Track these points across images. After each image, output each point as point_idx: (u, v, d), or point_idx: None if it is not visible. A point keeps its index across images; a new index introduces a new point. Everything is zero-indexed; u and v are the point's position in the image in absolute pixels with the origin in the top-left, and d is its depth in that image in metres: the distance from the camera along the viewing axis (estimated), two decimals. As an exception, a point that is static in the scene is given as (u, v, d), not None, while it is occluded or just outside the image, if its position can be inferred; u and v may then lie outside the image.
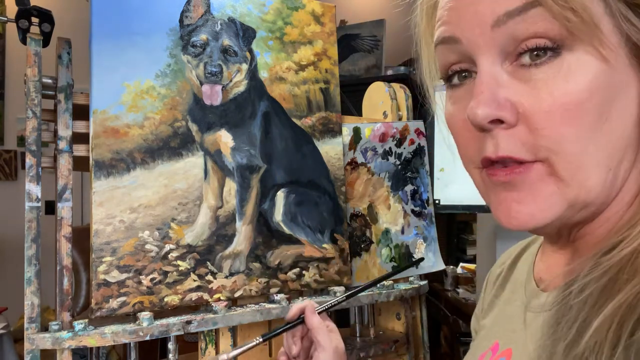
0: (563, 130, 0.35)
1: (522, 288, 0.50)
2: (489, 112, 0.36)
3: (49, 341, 0.78)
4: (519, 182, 0.37)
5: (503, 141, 0.37)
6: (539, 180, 0.37)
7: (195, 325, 0.86)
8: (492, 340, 0.50)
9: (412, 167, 1.21)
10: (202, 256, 0.91)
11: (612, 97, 0.35)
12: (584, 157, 0.36)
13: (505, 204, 0.38)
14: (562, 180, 0.36)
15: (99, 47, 0.87)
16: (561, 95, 0.35)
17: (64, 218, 0.85)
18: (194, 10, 0.95)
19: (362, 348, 1.06)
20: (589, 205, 0.38)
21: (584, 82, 0.34)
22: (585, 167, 0.36)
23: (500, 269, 0.58)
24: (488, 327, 0.55)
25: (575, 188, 0.36)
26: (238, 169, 0.97)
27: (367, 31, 2.81)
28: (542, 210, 0.37)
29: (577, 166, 0.36)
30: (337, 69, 1.10)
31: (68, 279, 0.84)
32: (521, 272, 0.52)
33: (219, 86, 0.95)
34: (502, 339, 0.48)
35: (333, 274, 1.03)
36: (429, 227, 1.23)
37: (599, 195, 0.37)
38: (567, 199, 0.37)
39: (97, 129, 0.86)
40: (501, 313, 0.53)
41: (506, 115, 0.36)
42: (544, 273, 0.48)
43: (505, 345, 0.47)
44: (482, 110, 0.36)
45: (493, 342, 0.49)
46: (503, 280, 0.56)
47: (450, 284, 2.75)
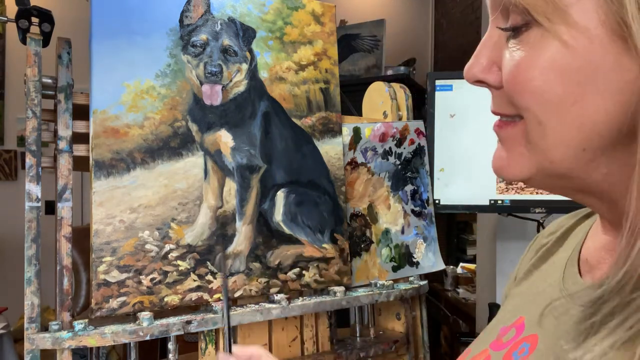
0: (524, 101, 0.37)
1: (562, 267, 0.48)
2: (474, 74, 0.40)
3: (49, 341, 0.78)
4: (502, 137, 0.41)
5: (494, 98, 0.40)
6: (515, 139, 0.39)
7: (195, 325, 0.86)
8: (518, 314, 0.48)
9: (412, 167, 1.21)
10: (202, 256, 0.91)
11: (579, 82, 0.35)
12: (548, 130, 0.37)
13: (495, 154, 0.42)
14: (531, 144, 0.38)
15: (99, 47, 0.87)
16: (522, 69, 0.36)
17: (64, 218, 0.85)
18: (194, 10, 0.95)
19: (362, 348, 1.06)
20: (562, 176, 0.38)
21: (542, 61, 0.35)
22: (548, 140, 0.37)
23: (547, 240, 0.56)
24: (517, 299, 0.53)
25: (540, 156, 0.38)
26: (238, 169, 0.97)
27: (367, 31, 2.81)
28: (513, 167, 0.40)
29: (541, 136, 0.37)
30: (337, 69, 1.10)
31: (68, 279, 0.84)
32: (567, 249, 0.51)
33: (219, 86, 0.95)
34: (529, 319, 0.47)
35: (333, 274, 1.03)
36: (429, 227, 1.23)
37: (571, 170, 0.37)
38: (533, 163, 0.38)
39: (97, 129, 0.86)
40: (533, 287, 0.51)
41: (489, 78, 0.39)
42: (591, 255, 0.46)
43: (531, 329, 0.45)
44: (470, 71, 0.40)
45: (518, 317, 0.48)
46: (547, 252, 0.54)
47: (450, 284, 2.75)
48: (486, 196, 1.27)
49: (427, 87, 1.27)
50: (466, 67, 0.40)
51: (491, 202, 1.27)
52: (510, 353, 0.45)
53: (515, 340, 0.46)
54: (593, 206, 0.43)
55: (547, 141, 0.37)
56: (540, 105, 0.36)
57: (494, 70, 0.39)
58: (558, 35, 0.35)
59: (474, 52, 0.40)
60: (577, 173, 0.38)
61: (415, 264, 1.19)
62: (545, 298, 0.47)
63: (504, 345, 0.47)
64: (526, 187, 1.26)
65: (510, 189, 1.26)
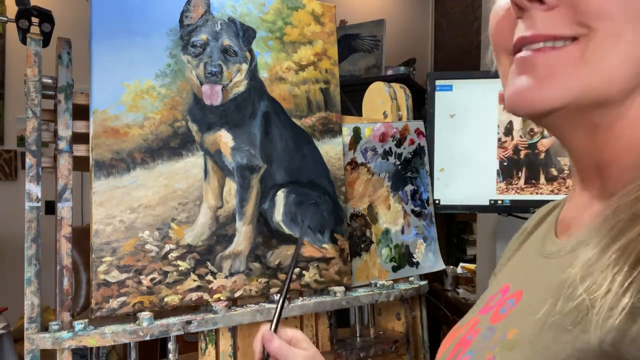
0: (604, 8, 0.36)
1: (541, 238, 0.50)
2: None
3: (49, 341, 0.78)
4: (540, 63, 0.38)
5: (540, 20, 0.38)
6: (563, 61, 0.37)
7: (195, 325, 0.86)
8: (502, 283, 0.50)
9: (412, 167, 1.21)
10: (202, 256, 0.91)
11: None
12: (619, 43, 0.36)
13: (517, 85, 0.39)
14: (588, 63, 0.37)
15: (99, 47, 0.87)
16: None
17: (64, 218, 0.85)
18: (194, 10, 0.95)
19: (362, 348, 1.06)
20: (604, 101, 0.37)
21: None
22: (616, 54, 0.36)
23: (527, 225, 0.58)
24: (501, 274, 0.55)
25: (599, 74, 0.37)
26: (238, 169, 0.97)
27: (367, 31, 2.81)
28: (553, 91, 0.38)
29: (609, 49, 0.36)
30: (337, 69, 1.10)
31: (68, 279, 0.84)
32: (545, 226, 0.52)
33: (219, 86, 0.95)
34: (513, 282, 0.48)
35: (333, 274, 1.03)
36: (429, 227, 1.23)
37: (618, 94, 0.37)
38: (583, 83, 0.37)
39: (97, 129, 0.86)
40: (516, 261, 0.53)
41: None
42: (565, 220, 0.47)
43: (516, 287, 0.46)
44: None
45: (502, 285, 0.49)
46: (527, 234, 0.56)
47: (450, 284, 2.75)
48: (486, 196, 1.27)
49: (427, 87, 1.27)
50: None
51: (491, 202, 1.27)
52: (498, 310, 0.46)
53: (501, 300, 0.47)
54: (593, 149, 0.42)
55: (612, 57, 0.36)
56: (624, 14, 0.35)
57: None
58: None
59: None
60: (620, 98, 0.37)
61: (415, 264, 1.19)
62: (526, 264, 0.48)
63: (491, 307, 0.48)
64: (526, 187, 1.26)
65: (510, 189, 1.26)
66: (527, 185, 1.26)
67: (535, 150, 1.26)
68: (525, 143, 1.26)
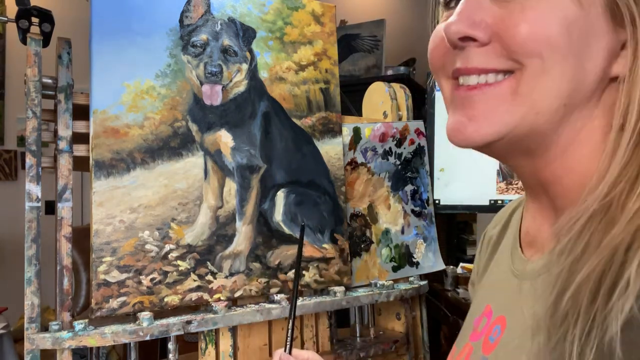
0: (534, 48, 0.39)
1: (509, 252, 0.52)
2: (461, 29, 0.40)
3: (49, 341, 0.78)
4: (477, 100, 0.41)
5: (475, 55, 0.41)
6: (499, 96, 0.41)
7: (195, 325, 0.86)
8: (484, 304, 0.52)
9: (412, 167, 1.21)
10: (202, 256, 0.91)
11: (581, 38, 0.39)
12: (547, 76, 0.39)
13: (456, 119, 0.43)
14: (519, 96, 0.40)
15: (99, 47, 0.87)
16: (533, 23, 0.39)
17: (64, 218, 0.85)
18: (194, 10, 0.95)
19: (362, 348, 1.06)
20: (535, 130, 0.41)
21: (555, 17, 0.38)
22: (544, 87, 0.39)
23: (492, 232, 0.61)
24: (481, 291, 0.57)
25: (528, 106, 0.40)
26: (238, 169, 0.97)
27: (367, 31, 2.81)
28: (488, 127, 0.41)
29: (537, 82, 0.39)
30: (337, 69, 1.10)
31: (68, 279, 0.84)
32: (509, 235, 0.55)
33: (219, 86, 0.95)
34: (493, 304, 0.51)
35: (333, 274, 1.03)
36: (429, 227, 1.23)
37: (546, 123, 0.40)
38: (515, 117, 0.40)
39: (97, 129, 0.86)
40: (492, 276, 0.56)
41: (479, 34, 0.40)
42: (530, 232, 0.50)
43: (498, 311, 0.49)
44: (455, 26, 0.40)
45: (485, 306, 0.52)
46: (495, 243, 0.59)
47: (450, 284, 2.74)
48: (486, 196, 1.27)
49: (427, 87, 1.27)
50: (445, 25, 0.41)
51: (491, 202, 1.27)
52: (487, 338, 0.49)
53: (488, 326, 0.50)
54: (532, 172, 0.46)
55: (543, 91, 0.39)
56: (551, 52, 0.38)
57: (482, 25, 0.40)
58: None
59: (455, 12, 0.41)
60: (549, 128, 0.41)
61: (415, 264, 1.19)
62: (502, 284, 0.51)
63: (480, 334, 0.50)
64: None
65: (510, 189, 1.26)
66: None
67: (535, 150, 1.25)
68: (525, 143, 1.25)
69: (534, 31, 0.39)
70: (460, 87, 0.42)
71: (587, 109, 0.41)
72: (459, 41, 0.41)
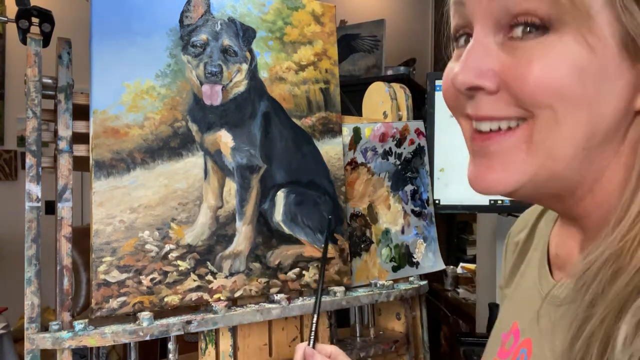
0: (542, 100, 0.38)
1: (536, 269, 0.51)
2: (468, 80, 0.40)
3: (49, 341, 0.78)
4: (493, 150, 0.41)
5: (485, 103, 0.40)
6: (513, 147, 0.40)
7: (195, 325, 0.86)
8: (511, 320, 0.52)
9: (412, 167, 1.21)
10: (202, 256, 0.91)
11: (595, 83, 0.37)
12: (560, 126, 0.38)
13: (476, 169, 0.42)
14: (534, 145, 0.39)
15: (99, 47, 0.87)
16: (541, 73, 0.37)
17: (64, 218, 0.85)
18: (194, 10, 0.95)
19: (362, 348, 1.06)
20: (556, 176, 0.40)
21: (565, 65, 0.37)
22: (558, 136, 0.38)
23: (517, 238, 0.59)
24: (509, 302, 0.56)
25: (543, 155, 0.39)
26: (238, 169, 0.97)
27: (367, 31, 2.81)
28: (507, 177, 0.40)
29: (550, 132, 0.38)
30: (337, 69, 1.10)
31: (68, 279, 0.84)
32: (537, 247, 0.54)
33: (219, 86, 0.95)
34: (520, 323, 0.50)
35: (333, 274, 1.03)
36: (429, 227, 1.23)
37: (566, 169, 0.39)
38: (533, 166, 0.40)
39: (97, 129, 0.86)
40: (519, 289, 0.55)
41: (486, 83, 0.39)
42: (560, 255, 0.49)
43: (525, 333, 0.48)
44: (462, 76, 0.40)
45: (512, 322, 0.51)
46: (521, 251, 0.57)
47: (450, 284, 2.75)
48: (486, 196, 1.27)
49: (427, 87, 1.27)
50: (452, 75, 0.41)
51: (491, 202, 1.27)
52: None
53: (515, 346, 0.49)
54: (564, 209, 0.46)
55: (557, 139, 0.38)
56: (562, 102, 0.37)
57: (489, 75, 0.39)
58: (584, 39, 0.36)
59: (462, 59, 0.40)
60: (569, 173, 0.40)
61: (415, 264, 1.19)
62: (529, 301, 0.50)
63: (508, 353, 0.50)
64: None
65: (510, 189, 1.26)
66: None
67: (535, 150, 1.25)
68: (525, 143, 1.25)
69: (543, 83, 0.37)
70: (476, 134, 0.42)
71: (611, 147, 0.40)
72: (467, 91, 0.40)
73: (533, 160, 0.39)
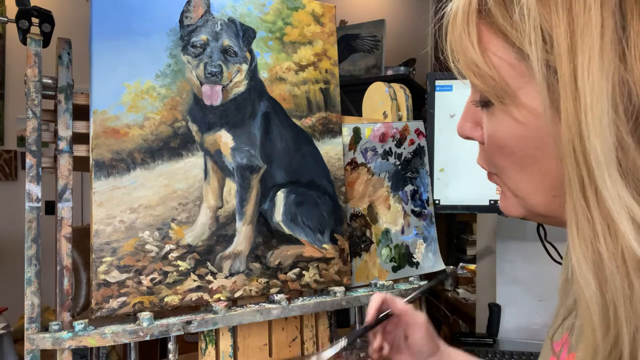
0: (497, 161, 0.45)
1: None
2: (464, 132, 0.48)
3: (49, 341, 0.78)
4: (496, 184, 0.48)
5: (479, 153, 0.49)
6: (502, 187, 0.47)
7: (195, 325, 0.86)
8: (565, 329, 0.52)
9: (412, 167, 1.21)
10: (202, 256, 0.91)
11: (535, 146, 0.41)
12: (519, 183, 0.44)
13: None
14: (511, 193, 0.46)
15: (99, 47, 0.87)
16: (488, 136, 0.44)
17: (64, 218, 0.85)
18: (194, 10, 0.95)
19: (362, 348, 1.06)
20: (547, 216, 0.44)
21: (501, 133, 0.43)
22: (522, 190, 0.44)
23: None
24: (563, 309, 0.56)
25: (522, 201, 0.45)
26: (238, 169, 0.97)
27: (367, 31, 2.81)
28: (510, 209, 0.47)
29: (515, 187, 0.45)
30: (337, 69, 1.10)
31: (68, 279, 0.84)
32: None
33: (219, 86, 0.95)
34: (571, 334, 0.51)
35: (333, 274, 1.03)
36: (429, 227, 1.23)
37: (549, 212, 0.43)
38: (520, 206, 0.45)
39: (97, 129, 0.86)
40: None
41: (476, 136, 0.47)
42: None
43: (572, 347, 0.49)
44: (459, 126, 0.48)
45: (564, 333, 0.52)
46: None
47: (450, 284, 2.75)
48: (486, 196, 1.27)
49: (427, 87, 1.27)
50: (457, 125, 0.49)
51: (491, 202, 1.27)
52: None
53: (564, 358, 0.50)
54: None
55: (523, 192, 0.44)
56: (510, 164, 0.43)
57: (478, 129, 0.47)
58: (511, 114, 0.41)
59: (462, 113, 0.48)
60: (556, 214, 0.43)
61: (415, 264, 1.19)
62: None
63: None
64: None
65: (510, 189, 1.26)
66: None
67: (535, 151, 1.25)
68: (525, 143, 1.25)
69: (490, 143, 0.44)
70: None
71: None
72: (468, 139, 0.48)
73: (516, 203, 0.45)
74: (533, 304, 1.50)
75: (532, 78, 0.38)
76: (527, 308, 1.50)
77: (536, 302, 1.51)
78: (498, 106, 0.42)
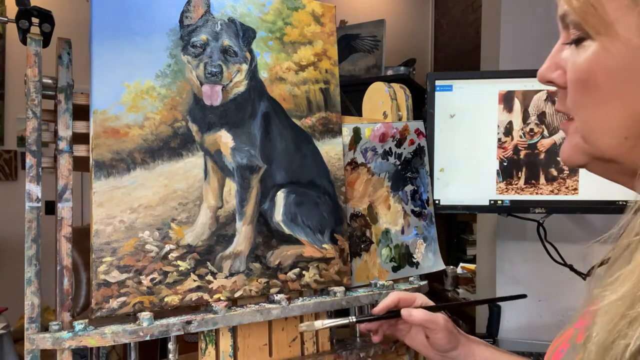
0: (577, 98, 0.46)
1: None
2: (544, 75, 0.49)
3: (49, 341, 0.78)
4: (565, 131, 0.50)
5: (558, 98, 0.50)
6: (572, 133, 0.48)
7: (195, 325, 0.86)
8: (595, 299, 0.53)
9: (412, 167, 1.21)
10: (202, 256, 0.91)
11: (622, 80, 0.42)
12: (594, 122, 0.45)
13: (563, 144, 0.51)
14: (582, 136, 0.46)
15: (99, 47, 0.87)
16: (573, 71, 0.45)
17: (64, 218, 0.85)
18: (194, 10, 0.95)
19: (362, 348, 1.06)
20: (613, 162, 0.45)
21: (589, 65, 0.44)
22: (595, 131, 0.45)
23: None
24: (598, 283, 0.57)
25: (590, 145, 0.46)
26: (238, 169, 0.97)
27: (367, 31, 2.81)
28: (572, 156, 0.49)
29: (588, 128, 0.46)
30: (337, 69, 1.10)
31: (68, 279, 0.84)
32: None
33: (219, 86, 0.95)
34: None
35: (333, 274, 1.04)
36: (429, 227, 1.23)
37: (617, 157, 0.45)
38: (585, 152, 0.47)
39: (97, 129, 0.86)
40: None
41: (556, 79, 0.49)
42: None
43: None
44: (541, 70, 0.50)
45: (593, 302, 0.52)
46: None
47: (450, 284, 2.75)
48: (486, 196, 1.27)
49: (427, 87, 1.27)
50: (540, 70, 0.50)
51: (491, 202, 1.27)
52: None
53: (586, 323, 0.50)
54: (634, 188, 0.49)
55: (595, 133, 0.45)
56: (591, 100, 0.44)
57: (559, 72, 0.48)
58: (604, 45, 0.43)
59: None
60: (623, 158, 0.45)
61: (415, 264, 1.19)
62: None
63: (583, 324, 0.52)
64: (526, 187, 1.26)
65: (510, 189, 1.26)
66: (527, 185, 1.26)
67: (535, 151, 1.26)
68: (525, 143, 1.26)
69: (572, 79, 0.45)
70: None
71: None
72: (547, 83, 0.49)
73: (584, 147, 0.46)
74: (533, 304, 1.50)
75: (632, 9, 0.40)
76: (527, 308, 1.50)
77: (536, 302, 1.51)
78: (592, 39, 0.43)
